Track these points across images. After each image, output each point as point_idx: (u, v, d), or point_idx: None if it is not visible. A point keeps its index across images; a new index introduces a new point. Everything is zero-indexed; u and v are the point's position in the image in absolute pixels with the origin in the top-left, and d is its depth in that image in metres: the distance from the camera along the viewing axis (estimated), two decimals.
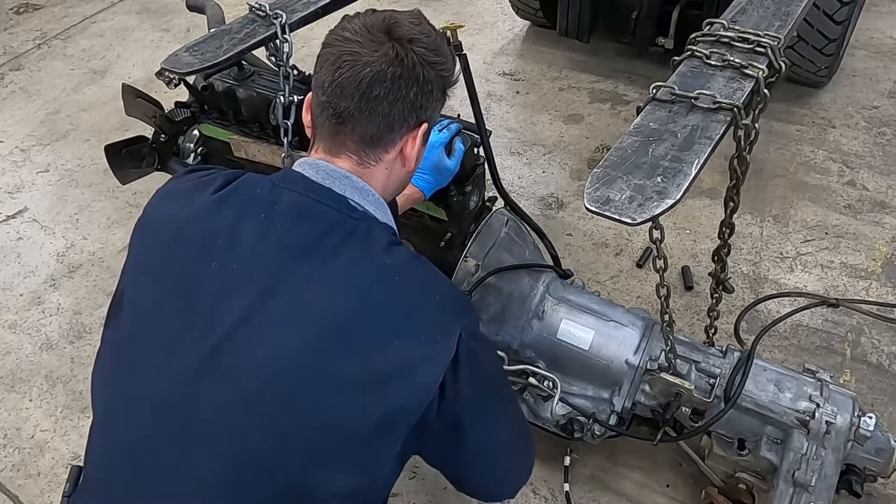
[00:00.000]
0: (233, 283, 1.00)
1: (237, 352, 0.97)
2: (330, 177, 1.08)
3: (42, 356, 2.36)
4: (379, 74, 1.03)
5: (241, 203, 1.06)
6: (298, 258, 1.01)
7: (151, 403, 1.01)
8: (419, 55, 1.06)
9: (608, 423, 1.70)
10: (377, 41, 1.05)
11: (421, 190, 1.58)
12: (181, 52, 1.68)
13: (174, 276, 1.05)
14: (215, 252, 1.02)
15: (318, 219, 1.04)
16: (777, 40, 1.36)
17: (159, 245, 1.10)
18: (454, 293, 1.14)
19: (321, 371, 0.96)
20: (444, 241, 1.79)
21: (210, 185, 1.10)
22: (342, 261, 1.01)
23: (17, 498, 1.99)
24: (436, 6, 4.20)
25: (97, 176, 3.06)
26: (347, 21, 1.09)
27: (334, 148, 1.10)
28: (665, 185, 1.14)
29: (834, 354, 2.20)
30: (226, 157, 2.00)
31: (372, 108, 1.05)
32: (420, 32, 1.09)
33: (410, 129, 1.10)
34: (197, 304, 1.01)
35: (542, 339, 1.75)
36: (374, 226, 1.08)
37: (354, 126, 1.06)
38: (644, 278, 2.48)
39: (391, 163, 1.12)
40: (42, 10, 4.45)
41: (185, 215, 1.08)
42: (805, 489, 1.53)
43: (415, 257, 1.10)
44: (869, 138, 3.00)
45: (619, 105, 3.31)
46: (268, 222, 1.03)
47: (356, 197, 1.08)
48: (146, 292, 1.08)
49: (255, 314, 0.98)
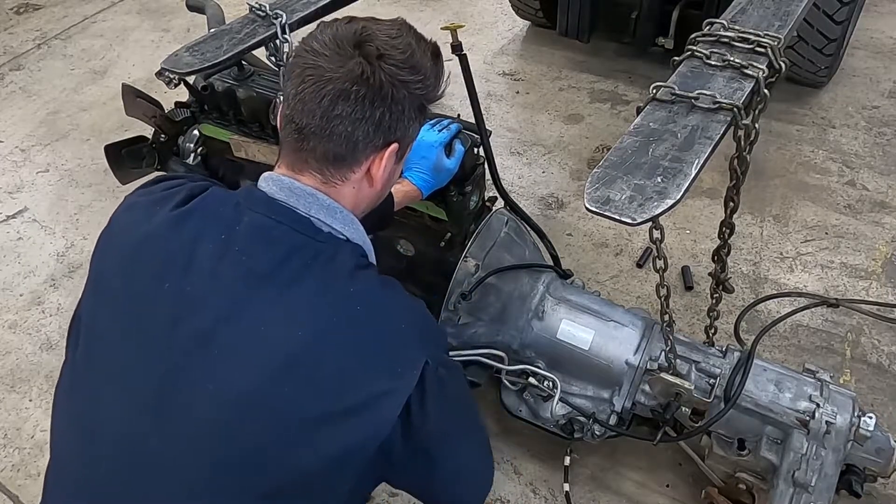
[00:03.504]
0: (186, 308, 0.96)
1: (187, 384, 0.94)
2: (294, 194, 1.02)
3: (42, 356, 2.36)
4: (342, 93, 0.97)
5: (201, 222, 1.02)
6: (257, 284, 0.96)
7: (105, 436, 0.98)
8: (389, 73, 0.99)
9: (608, 423, 1.70)
10: (344, 56, 0.98)
11: (419, 189, 1.57)
12: (181, 52, 1.68)
13: (128, 300, 1.01)
14: (170, 274, 0.98)
15: (280, 242, 0.99)
16: (777, 40, 1.36)
17: (115, 265, 1.05)
18: (422, 321, 1.08)
19: (271, 407, 0.92)
20: (444, 241, 1.79)
21: (173, 198, 1.05)
22: (302, 289, 0.96)
23: (17, 498, 1.99)
24: (436, 6, 4.20)
25: (97, 176, 3.06)
26: (320, 30, 1.03)
27: (297, 164, 1.04)
28: (665, 186, 1.14)
29: (834, 354, 2.20)
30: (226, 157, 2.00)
31: (333, 127, 0.99)
32: (394, 47, 1.01)
33: (377, 150, 1.04)
34: (150, 329, 0.97)
35: (542, 339, 1.75)
36: (340, 249, 1.03)
37: (316, 144, 1.01)
38: (644, 278, 2.48)
39: (359, 182, 1.06)
40: (42, 10, 4.45)
41: (142, 233, 1.03)
42: (805, 489, 1.53)
43: (381, 284, 1.05)
44: (869, 138, 3.00)
45: (619, 105, 3.31)
46: (227, 244, 0.98)
47: (322, 215, 1.03)
48: (101, 316, 1.04)
49: (208, 343, 0.94)
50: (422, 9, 4.18)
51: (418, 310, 1.09)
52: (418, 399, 0.96)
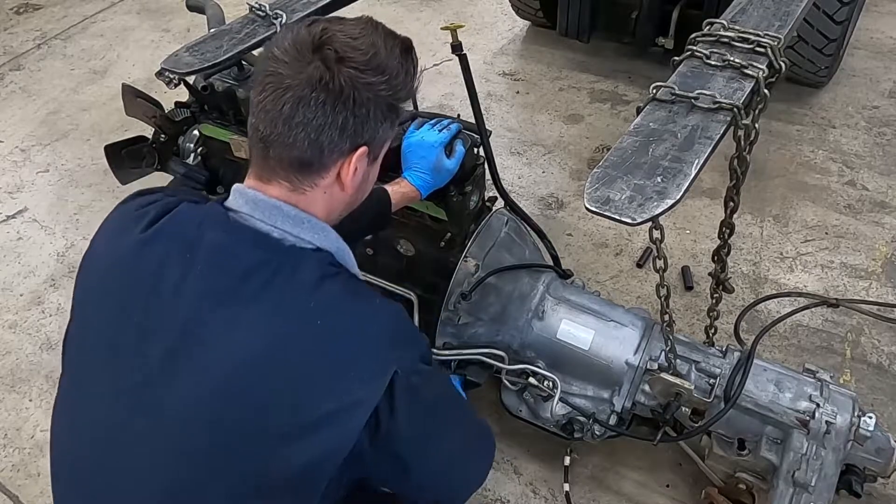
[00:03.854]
0: (154, 329, 0.98)
1: (152, 403, 0.97)
2: (258, 208, 1.02)
3: (42, 356, 2.36)
4: (301, 100, 0.96)
5: (167, 243, 1.02)
6: (218, 303, 0.97)
7: (88, 455, 1.02)
8: (349, 77, 0.96)
9: (608, 423, 1.70)
10: (303, 61, 0.96)
11: (418, 189, 1.56)
12: (181, 52, 1.68)
13: (103, 324, 1.04)
14: (140, 296, 1.00)
15: (239, 260, 0.99)
16: (777, 40, 1.36)
17: (91, 289, 1.09)
18: (392, 328, 1.05)
19: (232, 424, 0.94)
20: (444, 241, 1.79)
21: (143, 218, 1.06)
22: (263, 305, 0.97)
23: (17, 498, 1.99)
24: (436, 6, 4.20)
25: (97, 176, 3.06)
26: (282, 35, 1.02)
27: (265, 174, 1.03)
28: (665, 185, 1.14)
29: (834, 354, 2.20)
30: (226, 157, 2.00)
31: (296, 134, 0.97)
32: (355, 48, 0.98)
33: (345, 154, 1.02)
34: (122, 351, 1.00)
35: (542, 339, 1.75)
36: (304, 260, 1.01)
37: (280, 152, 1.00)
38: (644, 278, 2.48)
39: (329, 187, 1.05)
40: (42, 10, 4.45)
41: (113, 258, 1.06)
42: (805, 489, 1.53)
43: (347, 293, 1.03)
44: (869, 138, 3.00)
45: (619, 105, 3.31)
46: (190, 264, 0.99)
47: (288, 226, 1.02)
48: (82, 339, 1.08)
49: (173, 362, 0.96)
50: (422, 9, 4.18)
51: (388, 317, 1.06)
52: (387, 408, 0.96)
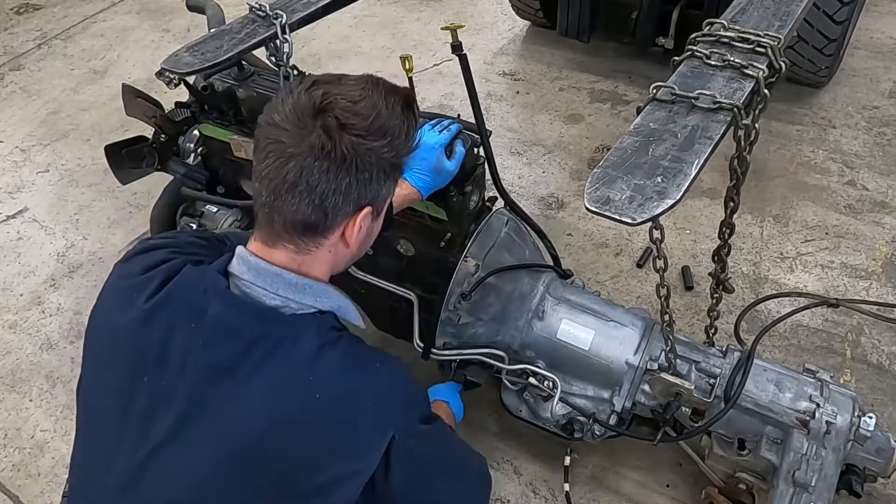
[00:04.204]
0: (160, 401, 0.99)
1: (155, 476, 0.98)
2: (260, 276, 1.03)
3: (42, 356, 2.36)
4: (304, 169, 0.96)
5: (173, 312, 1.03)
6: (220, 377, 0.98)
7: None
8: (351, 144, 0.96)
9: (608, 423, 1.70)
10: (305, 128, 0.96)
11: (419, 191, 1.57)
12: (181, 52, 1.68)
13: (111, 392, 1.05)
14: (146, 367, 1.01)
15: (239, 334, 0.99)
16: (777, 40, 1.36)
17: (100, 353, 1.10)
18: (390, 392, 1.06)
19: (232, 498, 0.96)
20: (444, 241, 1.79)
21: (148, 285, 1.06)
22: (262, 380, 0.98)
23: (17, 498, 1.99)
24: (436, 6, 4.20)
25: (97, 176, 3.06)
26: (281, 100, 1.01)
27: (270, 238, 1.04)
28: (665, 185, 1.14)
29: (834, 354, 2.20)
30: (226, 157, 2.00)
31: (300, 201, 0.98)
32: (356, 113, 0.98)
33: (349, 216, 1.03)
34: (129, 422, 1.01)
35: (542, 339, 1.75)
36: (305, 329, 1.02)
37: (285, 218, 1.00)
38: (644, 278, 2.48)
39: (334, 246, 1.06)
40: (42, 10, 4.45)
41: (120, 326, 1.06)
42: (805, 489, 1.53)
43: (346, 361, 1.03)
44: (869, 138, 3.00)
45: (619, 105, 3.31)
46: (195, 335, 1.00)
47: (290, 294, 1.03)
48: (93, 399, 1.09)
49: (175, 436, 0.98)
50: (422, 9, 4.18)
51: (386, 381, 1.07)
52: (383, 472, 0.98)
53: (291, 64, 1.74)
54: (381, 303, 1.93)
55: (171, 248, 1.14)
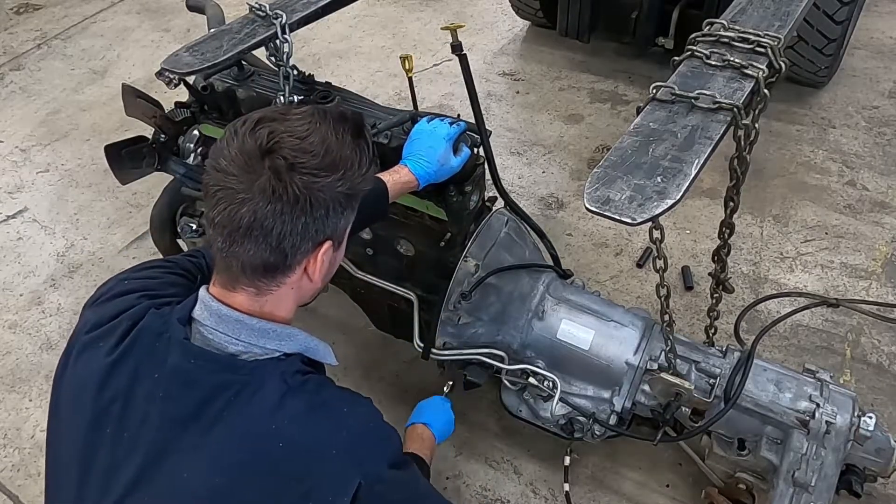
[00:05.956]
0: (123, 453, 0.98)
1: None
2: (223, 322, 1.01)
3: (42, 356, 2.36)
4: (257, 213, 0.93)
5: (138, 360, 1.02)
6: (180, 429, 0.97)
7: None
8: (303, 184, 0.94)
9: (608, 423, 1.70)
10: (253, 172, 0.93)
11: (417, 178, 1.54)
12: (181, 52, 1.68)
13: (75, 448, 1.02)
14: (109, 418, 1.00)
15: (199, 385, 0.98)
16: (777, 40, 1.36)
17: (66, 403, 1.07)
18: (358, 437, 1.03)
19: None
20: (444, 241, 1.79)
21: (114, 332, 1.05)
22: (223, 430, 0.96)
23: (17, 498, 1.99)
24: (436, 6, 4.20)
25: (97, 176, 3.06)
26: (226, 143, 0.97)
27: (230, 282, 1.02)
28: (665, 185, 1.14)
29: (834, 354, 2.20)
30: None
31: (256, 245, 0.96)
32: (304, 151, 0.95)
33: (309, 253, 1.01)
34: (92, 473, 0.99)
35: (542, 339, 1.75)
36: (267, 378, 1.00)
37: (243, 262, 0.98)
38: (644, 278, 2.48)
39: (297, 282, 1.04)
40: (42, 10, 4.45)
41: (83, 377, 1.04)
42: (805, 489, 1.53)
43: (309, 409, 1.00)
44: (869, 138, 3.00)
45: (619, 105, 3.31)
46: (157, 385, 0.99)
47: (253, 339, 1.02)
48: (55, 455, 1.07)
49: (135, 488, 0.96)
50: (422, 9, 4.18)
51: (354, 425, 1.04)
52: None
53: (291, 64, 1.74)
54: (381, 303, 1.93)
55: (142, 291, 1.13)
